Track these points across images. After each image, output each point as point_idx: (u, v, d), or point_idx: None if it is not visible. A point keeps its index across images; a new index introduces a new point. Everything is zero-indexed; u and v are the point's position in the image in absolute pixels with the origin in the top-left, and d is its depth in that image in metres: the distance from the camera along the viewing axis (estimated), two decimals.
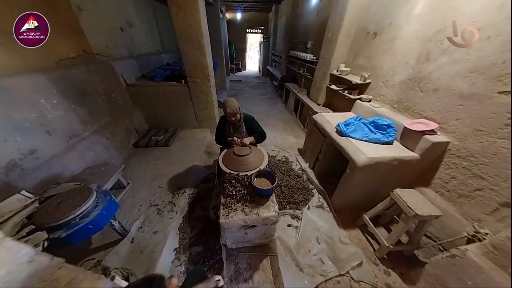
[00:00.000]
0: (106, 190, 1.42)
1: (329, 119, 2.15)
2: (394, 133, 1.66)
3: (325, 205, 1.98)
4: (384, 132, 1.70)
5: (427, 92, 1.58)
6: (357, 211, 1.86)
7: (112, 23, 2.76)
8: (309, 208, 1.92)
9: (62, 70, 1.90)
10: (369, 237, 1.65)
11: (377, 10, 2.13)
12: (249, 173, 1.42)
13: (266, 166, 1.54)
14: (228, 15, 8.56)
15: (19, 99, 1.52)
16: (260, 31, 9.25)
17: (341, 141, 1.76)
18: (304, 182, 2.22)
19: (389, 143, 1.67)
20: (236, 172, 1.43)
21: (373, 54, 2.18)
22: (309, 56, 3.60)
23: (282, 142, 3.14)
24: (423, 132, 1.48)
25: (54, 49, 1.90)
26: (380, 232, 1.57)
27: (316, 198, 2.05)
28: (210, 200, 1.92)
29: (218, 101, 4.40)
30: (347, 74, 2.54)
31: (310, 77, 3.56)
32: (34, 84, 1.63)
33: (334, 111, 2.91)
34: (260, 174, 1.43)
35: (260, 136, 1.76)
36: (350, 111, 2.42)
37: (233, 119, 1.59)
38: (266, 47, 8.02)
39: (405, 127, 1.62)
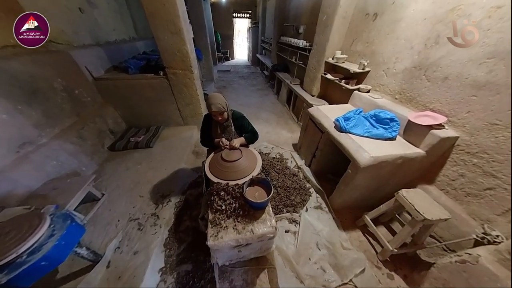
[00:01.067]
0: (66, 213, 1.15)
1: (326, 113, 1.96)
2: (397, 128, 1.51)
3: (324, 205, 1.86)
4: (387, 126, 1.55)
5: (435, 81, 1.41)
6: (357, 210, 1.76)
7: (67, 2, 2.24)
8: (307, 210, 1.79)
9: None
10: (370, 238, 1.57)
11: None
12: (240, 182, 1.22)
13: (260, 171, 1.34)
14: None
15: None
16: (248, 15, 8.54)
17: (341, 138, 1.59)
18: (300, 181, 2.08)
19: (392, 138, 1.52)
20: (225, 182, 1.22)
21: (373, 39, 1.96)
22: (301, 43, 3.30)
23: (276, 137, 2.94)
24: (430, 127, 1.34)
25: None
26: (381, 232, 1.49)
27: (314, 198, 1.92)
28: (199, 208, 1.72)
29: (205, 94, 4.03)
30: (343, 62, 2.32)
31: (303, 65, 3.29)
32: None
33: (329, 103, 2.73)
34: (253, 182, 1.23)
35: (251, 136, 1.53)
36: (347, 103, 2.24)
37: (220, 118, 1.35)
38: (255, 33, 7.45)
39: (409, 120, 1.47)
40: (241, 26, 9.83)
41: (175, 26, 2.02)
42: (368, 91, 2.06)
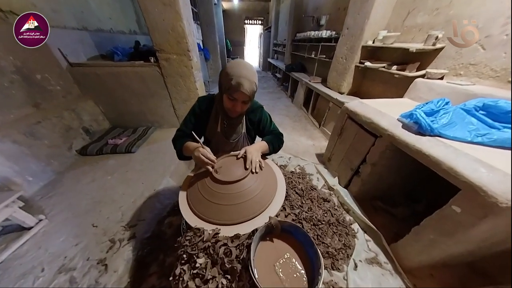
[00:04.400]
0: None
1: (379, 108, 1.29)
2: None
3: (381, 256, 1.11)
4: None
5: None
6: (441, 270, 1.01)
7: None
8: (356, 266, 1.05)
9: None
10: None
11: None
12: (244, 230, 0.56)
13: (284, 205, 0.68)
14: (224, 4, 7.74)
15: None
16: (260, 22, 8.42)
17: (425, 144, 0.89)
18: (336, 211, 1.35)
19: None
20: (213, 229, 0.56)
21: (451, 1, 1.31)
22: (325, 33, 2.74)
23: (293, 144, 2.27)
24: None
25: None
26: None
27: (363, 242, 1.18)
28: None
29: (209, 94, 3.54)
30: (392, 43, 1.68)
31: (327, 59, 2.70)
32: None
33: None
34: (271, 232, 0.57)
35: (276, 139, 0.91)
36: (402, 97, 1.55)
37: (239, 108, 0.73)
38: (267, 38, 7.19)
39: None
40: (252, 35, 9.74)
41: None
42: (442, 78, 1.37)
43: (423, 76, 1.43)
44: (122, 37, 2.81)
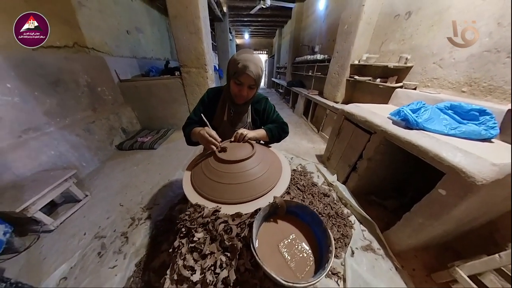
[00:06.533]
0: None
1: (372, 109, 1.32)
2: (495, 124, 0.81)
3: (375, 243, 1.05)
4: (476, 122, 0.85)
5: None
6: (424, 251, 0.96)
7: (118, 25, 2.30)
8: (352, 253, 0.99)
9: (27, 53, 1.28)
10: None
11: None
12: (246, 209, 0.52)
13: (287, 190, 0.67)
14: (238, 40, 8.53)
15: None
16: (265, 52, 9.12)
17: (413, 137, 0.90)
18: (335, 205, 1.31)
19: (489, 139, 0.80)
20: (214, 206, 0.53)
21: (411, 35, 1.46)
22: (319, 56, 2.92)
23: (295, 146, 2.29)
24: None
25: None
26: None
27: (359, 232, 1.12)
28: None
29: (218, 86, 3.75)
30: (374, 62, 1.78)
31: (322, 75, 2.83)
32: None
33: None
34: (275, 212, 0.52)
35: (278, 129, 0.84)
36: (387, 104, 1.58)
37: (246, 93, 0.70)
38: (271, 63, 7.73)
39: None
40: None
41: (194, 26, 1.77)
42: (415, 88, 1.42)
43: (401, 87, 1.48)
44: (158, 62, 3.19)
